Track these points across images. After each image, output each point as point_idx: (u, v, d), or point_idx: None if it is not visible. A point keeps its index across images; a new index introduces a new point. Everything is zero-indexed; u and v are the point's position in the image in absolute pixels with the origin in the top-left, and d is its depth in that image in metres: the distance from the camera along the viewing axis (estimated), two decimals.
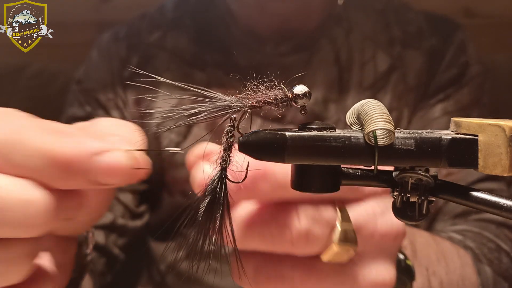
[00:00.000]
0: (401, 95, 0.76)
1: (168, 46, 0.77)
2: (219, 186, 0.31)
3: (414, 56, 0.78)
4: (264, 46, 0.75)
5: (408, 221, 0.33)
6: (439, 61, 0.79)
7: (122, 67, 0.76)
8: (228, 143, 0.32)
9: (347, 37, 0.77)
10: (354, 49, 0.77)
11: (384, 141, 0.30)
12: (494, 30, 1.18)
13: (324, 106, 0.74)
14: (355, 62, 0.76)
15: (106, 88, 0.75)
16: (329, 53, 0.76)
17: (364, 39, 0.78)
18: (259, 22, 0.75)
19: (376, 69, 0.76)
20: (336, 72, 0.75)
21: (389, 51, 0.78)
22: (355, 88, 0.75)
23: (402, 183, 0.33)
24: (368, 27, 0.79)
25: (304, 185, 0.32)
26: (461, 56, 0.80)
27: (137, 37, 0.79)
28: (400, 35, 0.79)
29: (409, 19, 0.81)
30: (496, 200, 0.31)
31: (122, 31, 0.80)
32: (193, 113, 0.31)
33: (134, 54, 0.77)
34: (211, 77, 0.75)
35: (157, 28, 0.79)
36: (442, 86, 0.78)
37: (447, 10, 0.86)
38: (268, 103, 0.32)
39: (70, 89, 0.80)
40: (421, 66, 0.78)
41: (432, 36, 0.80)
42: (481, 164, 0.30)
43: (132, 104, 0.74)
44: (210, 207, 0.31)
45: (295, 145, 0.30)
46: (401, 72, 0.77)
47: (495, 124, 0.30)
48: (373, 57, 0.77)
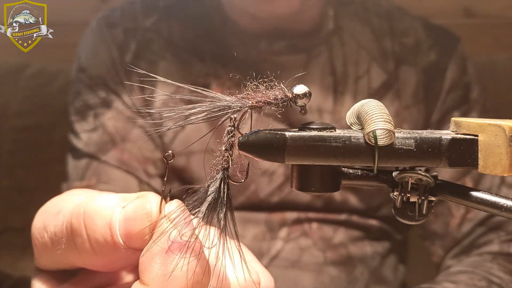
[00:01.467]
0: (398, 112, 0.76)
1: (163, 32, 0.76)
2: (222, 186, 0.31)
3: (410, 73, 0.77)
4: (258, 42, 0.74)
5: (408, 221, 0.33)
6: (440, 78, 0.77)
7: (122, 53, 0.75)
8: (229, 143, 0.32)
9: (342, 46, 0.76)
10: (350, 61, 0.76)
11: (384, 141, 0.30)
12: (494, 30, 1.18)
13: (319, 115, 0.74)
14: (350, 75, 0.75)
15: (111, 73, 0.74)
16: (326, 62, 0.75)
17: (359, 50, 0.77)
18: (250, 26, 0.75)
19: (370, 85, 0.76)
20: (331, 83, 0.75)
21: (384, 66, 0.77)
22: (350, 101, 0.74)
23: (402, 183, 0.33)
24: (364, 38, 0.78)
25: (304, 185, 0.32)
26: (463, 76, 0.79)
27: (132, 22, 0.77)
28: (396, 49, 0.78)
29: (406, 30, 0.80)
30: (496, 200, 0.31)
31: (115, 15, 0.78)
32: (193, 113, 0.31)
33: (132, 39, 0.75)
34: (208, 67, 0.74)
35: (152, 12, 0.78)
36: (449, 108, 0.77)
37: (447, 10, 0.85)
38: (268, 103, 0.32)
39: (73, 79, 0.78)
40: (418, 83, 0.77)
41: (430, 51, 0.79)
42: (481, 164, 0.30)
43: (136, 90, 0.73)
44: (212, 208, 0.31)
45: (295, 145, 0.30)
46: (396, 88, 0.76)
47: (495, 124, 0.30)
48: (367, 71, 0.76)
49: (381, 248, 0.78)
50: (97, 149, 0.72)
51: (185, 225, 0.30)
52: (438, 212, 0.76)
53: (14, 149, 1.09)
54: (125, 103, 0.73)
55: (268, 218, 0.74)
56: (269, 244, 0.73)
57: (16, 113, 1.09)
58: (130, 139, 0.72)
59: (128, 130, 0.72)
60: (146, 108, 0.70)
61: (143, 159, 0.72)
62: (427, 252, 0.80)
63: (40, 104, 1.10)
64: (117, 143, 0.72)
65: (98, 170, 0.71)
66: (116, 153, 0.71)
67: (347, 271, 0.74)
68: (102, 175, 0.70)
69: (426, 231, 0.78)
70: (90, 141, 0.72)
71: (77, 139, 0.73)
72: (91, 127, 0.73)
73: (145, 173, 0.71)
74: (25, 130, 1.09)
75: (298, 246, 0.74)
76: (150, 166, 0.72)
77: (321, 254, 0.74)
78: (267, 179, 0.73)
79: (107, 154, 0.71)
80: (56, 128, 1.05)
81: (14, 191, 1.08)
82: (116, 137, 0.72)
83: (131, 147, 0.71)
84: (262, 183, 0.73)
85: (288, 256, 0.73)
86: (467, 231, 0.74)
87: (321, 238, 0.74)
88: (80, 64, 0.77)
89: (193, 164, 0.72)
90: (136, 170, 0.71)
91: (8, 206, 1.08)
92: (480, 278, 0.66)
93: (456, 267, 0.72)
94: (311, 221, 0.74)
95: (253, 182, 0.73)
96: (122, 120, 0.72)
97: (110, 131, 0.72)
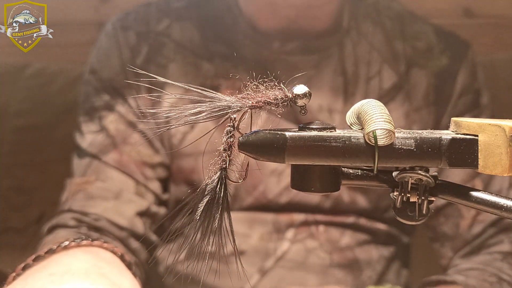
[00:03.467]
0: (408, 113, 0.76)
1: (175, 36, 0.77)
2: (219, 186, 0.31)
3: (421, 76, 0.77)
4: (271, 42, 0.75)
5: (408, 221, 0.33)
6: (451, 83, 0.77)
7: (133, 55, 0.75)
8: (228, 143, 0.32)
9: (354, 47, 0.76)
10: (361, 61, 0.76)
11: (384, 141, 0.30)
12: (494, 30, 1.18)
13: (329, 114, 0.74)
14: (361, 76, 0.75)
15: (120, 76, 0.75)
16: (337, 62, 0.75)
17: (371, 51, 0.77)
18: (265, 20, 0.75)
19: (381, 86, 0.76)
20: (342, 83, 0.75)
21: (395, 68, 0.77)
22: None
23: (402, 183, 0.33)
24: (376, 39, 0.78)
25: (304, 185, 0.32)
26: (474, 81, 0.79)
27: (146, 25, 0.78)
28: (407, 52, 0.78)
29: (418, 34, 0.80)
30: (496, 200, 0.31)
31: (130, 18, 0.79)
32: (194, 113, 0.31)
33: (144, 42, 0.76)
34: (218, 68, 0.75)
35: (165, 16, 0.78)
36: (460, 113, 0.77)
37: (447, 10, 0.85)
38: (268, 103, 0.32)
39: (84, 81, 0.79)
40: (429, 86, 0.77)
41: (441, 55, 0.79)
42: (481, 164, 0.30)
43: (144, 94, 0.73)
44: (209, 207, 0.31)
45: (295, 145, 0.30)
46: (407, 90, 0.76)
47: (495, 124, 0.30)
48: (379, 72, 0.76)
49: (387, 252, 0.78)
50: (99, 150, 0.73)
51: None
52: (448, 213, 0.75)
53: (14, 149, 1.09)
54: (130, 106, 0.74)
55: (275, 219, 0.74)
56: (275, 245, 0.73)
57: (16, 113, 1.09)
58: (129, 143, 0.73)
59: (129, 134, 0.73)
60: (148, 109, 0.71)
61: (141, 162, 0.73)
62: (429, 256, 0.80)
63: (40, 104, 1.10)
64: (117, 145, 0.73)
65: (98, 169, 0.72)
66: (116, 155, 0.72)
67: (353, 274, 0.74)
68: (101, 173, 0.72)
69: (436, 233, 0.78)
70: (94, 142, 0.73)
71: (82, 138, 0.75)
72: (96, 129, 0.74)
73: (143, 176, 0.72)
74: (25, 130, 1.09)
75: (304, 247, 0.74)
76: (148, 169, 0.73)
77: (327, 256, 0.74)
78: (276, 179, 0.73)
79: (108, 155, 0.72)
80: (56, 128, 1.05)
81: (14, 191, 1.08)
82: (117, 140, 0.73)
83: (130, 150, 0.73)
84: (270, 183, 0.73)
85: (294, 257, 0.73)
86: (477, 232, 0.73)
87: (328, 241, 0.74)
88: (92, 65, 0.78)
89: (202, 165, 0.73)
90: (133, 172, 0.72)
91: (8, 206, 1.08)
92: (490, 275, 0.66)
93: (465, 264, 0.71)
94: (318, 223, 0.74)
95: (261, 183, 0.73)
96: (124, 124, 0.74)
97: (112, 134, 0.73)
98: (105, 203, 0.68)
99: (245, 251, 0.73)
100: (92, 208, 0.67)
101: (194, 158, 0.73)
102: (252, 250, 0.73)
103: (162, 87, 0.38)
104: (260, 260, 0.73)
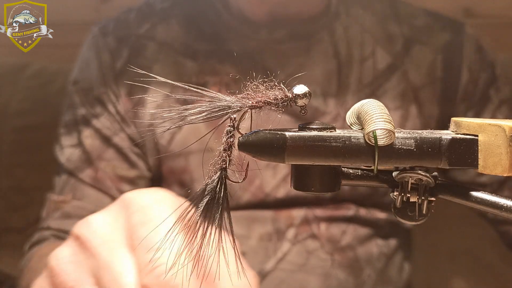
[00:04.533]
0: (405, 93, 0.75)
1: (158, 37, 0.76)
2: (219, 186, 0.31)
3: (424, 52, 0.77)
4: (258, 31, 0.74)
5: (408, 221, 0.33)
6: (458, 56, 0.77)
7: (113, 59, 0.75)
8: (228, 143, 0.32)
9: (345, 30, 0.76)
10: (354, 43, 0.76)
11: (384, 141, 0.30)
12: (494, 30, 1.18)
13: (323, 100, 0.73)
14: (355, 57, 0.75)
15: (101, 83, 0.75)
16: (328, 46, 0.75)
17: (362, 33, 0.77)
18: (253, 8, 0.74)
19: (375, 66, 0.75)
20: (335, 66, 0.74)
21: (389, 48, 0.77)
22: (355, 84, 0.74)
23: (402, 183, 0.33)
24: (367, 21, 0.78)
25: (304, 185, 0.32)
26: (483, 56, 0.78)
27: (126, 30, 0.77)
28: (405, 31, 0.78)
29: (413, 14, 0.80)
30: (496, 200, 0.31)
31: (110, 25, 0.78)
32: (193, 113, 0.31)
33: (124, 46, 0.76)
34: (203, 65, 0.74)
35: (146, 20, 0.78)
36: (483, 88, 0.77)
37: (447, 10, 0.85)
38: (268, 103, 0.32)
39: (66, 92, 0.79)
40: (434, 62, 0.77)
41: (442, 31, 0.79)
42: (481, 164, 0.30)
43: (124, 97, 0.73)
44: (209, 207, 0.31)
45: (295, 145, 0.30)
46: (404, 70, 0.76)
47: (495, 124, 0.30)
48: (372, 53, 0.76)
49: (387, 248, 0.77)
50: (75, 166, 0.73)
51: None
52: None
53: (14, 149, 1.09)
54: (109, 117, 0.73)
55: (274, 217, 0.73)
56: (275, 246, 0.72)
57: (16, 113, 1.09)
58: (105, 158, 0.73)
59: (104, 149, 0.73)
60: (147, 109, 0.71)
61: (117, 177, 0.72)
62: (432, 244, 0.78)
63: (40, 104, 1.10)
64: (93, 162, 0.73)
65: (74, 187, 0.73)
66: (91, 171, 0.73)
67: (355, 274, 0.74)
68: (77, 192, 0.72)
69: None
70: (71, 157, 0.74)
71: (61, 152, 0.75)
72: (74, 143, 0.74)
73: (119, 191, 0.72)
74: (25, 130, 1.09)
75: (305, 248, 0.73)
76: (124, 184, 0.73)
77: (328, 257, 0.73)
78: (271, 172, 0.72)
79: (83, 172, 0.73)
80: (56, 128, 1.05)
81: (14, 191, 1.08)
82: (92, 156, 0.73)
83: (105, 166, 0.73)
84: (266, 176, 0.72)
85: (295, 259, 0.72)
86: None
87: (329, 240, 0.73)
88: (74, 76, 0.78)
89: (193, 165, 0.72)
90: (109, 188, 0.72)
91: (8, 206, 1.08)
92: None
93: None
94: (319, 220, 0.74)
95: (257, 177, 0.72)
96: (99, 139, 0.73)
97: (87, 149, 0.73)
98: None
99: (244, 253, 0.71)
100: (69, 227, 0.67)
101: (184, 158, 0.73)
102: (252, 252, 0.72)
103: (150, 91, 0.38)
104: (259, 262, 0.72)
